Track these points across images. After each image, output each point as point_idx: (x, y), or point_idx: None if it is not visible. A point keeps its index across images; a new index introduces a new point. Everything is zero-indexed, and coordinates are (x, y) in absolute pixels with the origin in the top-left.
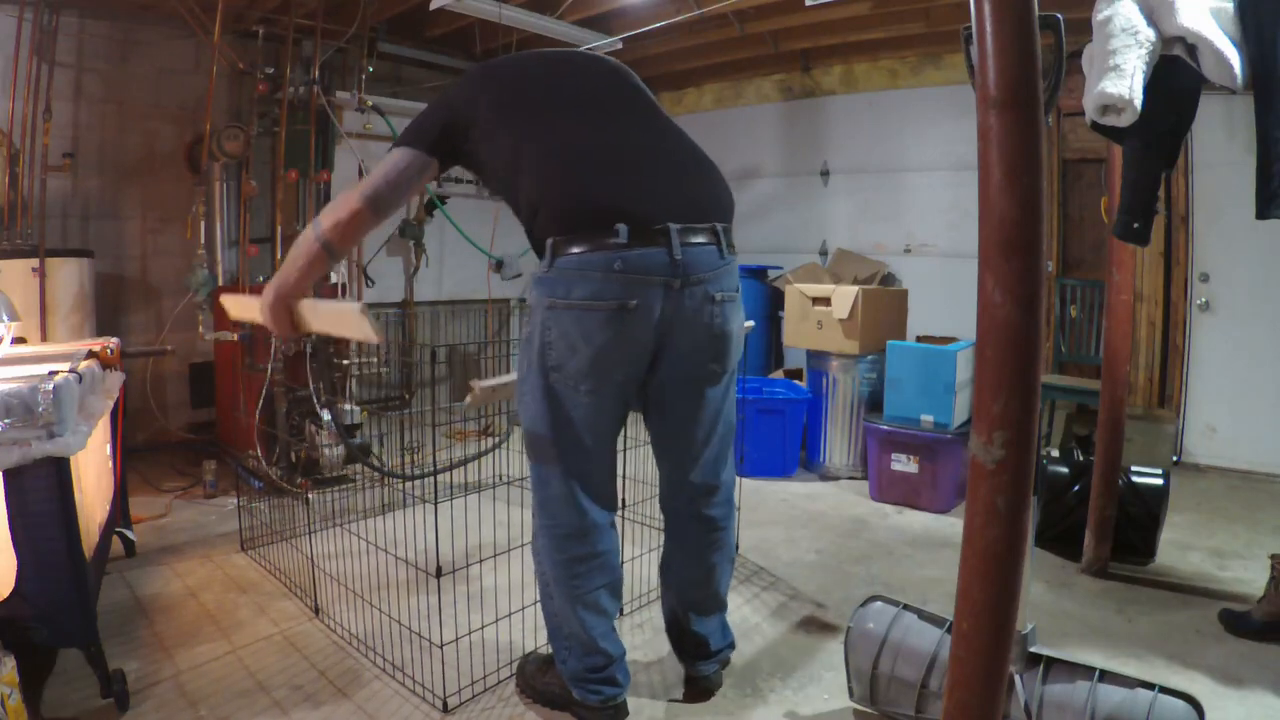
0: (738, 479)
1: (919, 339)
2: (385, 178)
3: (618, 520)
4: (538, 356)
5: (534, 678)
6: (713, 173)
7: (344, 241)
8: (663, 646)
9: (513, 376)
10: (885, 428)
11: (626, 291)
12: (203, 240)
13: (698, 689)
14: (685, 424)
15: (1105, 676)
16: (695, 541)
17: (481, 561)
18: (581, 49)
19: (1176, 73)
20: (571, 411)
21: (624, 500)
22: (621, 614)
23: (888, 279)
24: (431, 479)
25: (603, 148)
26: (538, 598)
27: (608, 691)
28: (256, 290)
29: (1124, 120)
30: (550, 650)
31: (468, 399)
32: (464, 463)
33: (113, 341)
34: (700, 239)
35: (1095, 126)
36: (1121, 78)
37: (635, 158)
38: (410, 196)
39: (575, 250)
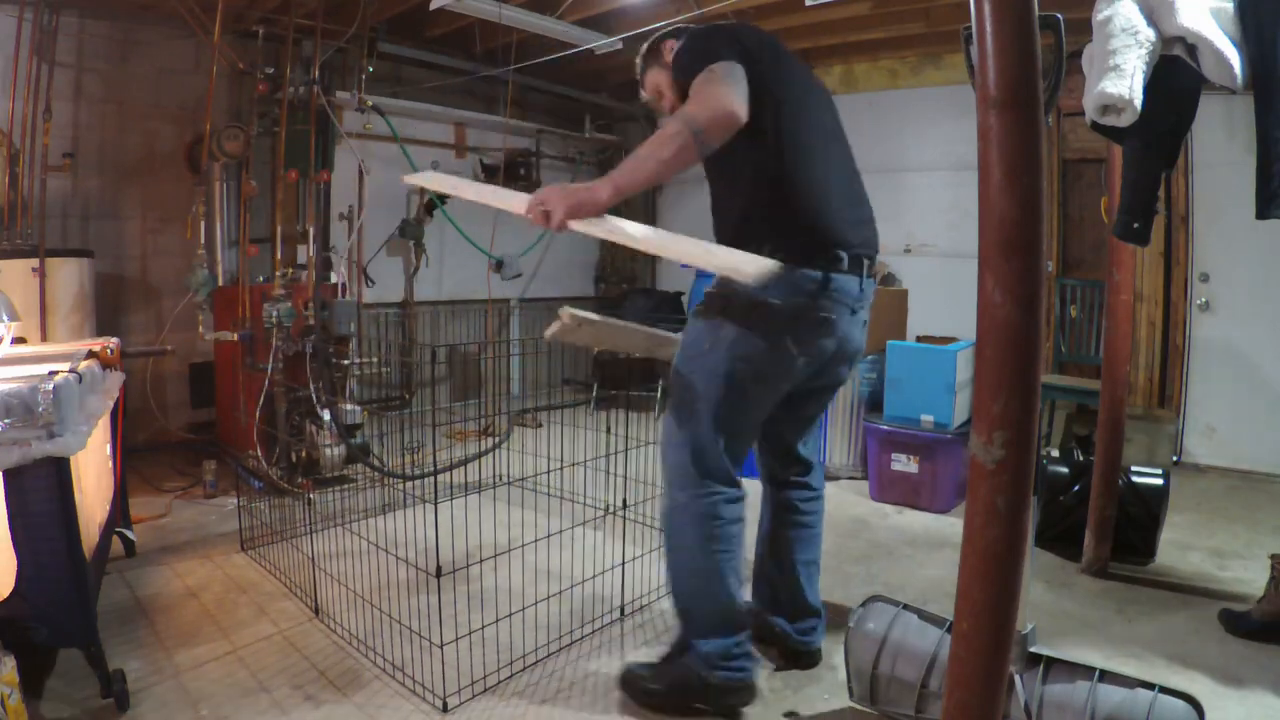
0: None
1: (919, 339)
2: (730, 89)
3: (618, 520)
4: (729, 343)
5: (652, 681)
6: (870, 206)
7: (714, 140)
8: (662, 647)
9: (604, 319)
10: (885, 428)
11: (830, 307)
12: (203, 240)
13: (812, 658)
14: (812, 418)
15: (1105, 676)
16: (804, 509)
17: (481, 561)
18: (587, 47)
19: (1176, 73)
20: (746, 397)
21: (624, 500)
22: (623, 614)
23: (888, 279)
24: (431, 479)
25: (832, 170)
26: (671, 579)
27: (748, 667)
28: (256, 290)
29: (1124, 120)
30: (642, 662)
31: (553, 326)
32: (464, 463)
33: (113, 341)
34: (870, 273)
35: (1095, 126)
36: (1121, 78)
37: (846, 186)
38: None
39: (798, 261)
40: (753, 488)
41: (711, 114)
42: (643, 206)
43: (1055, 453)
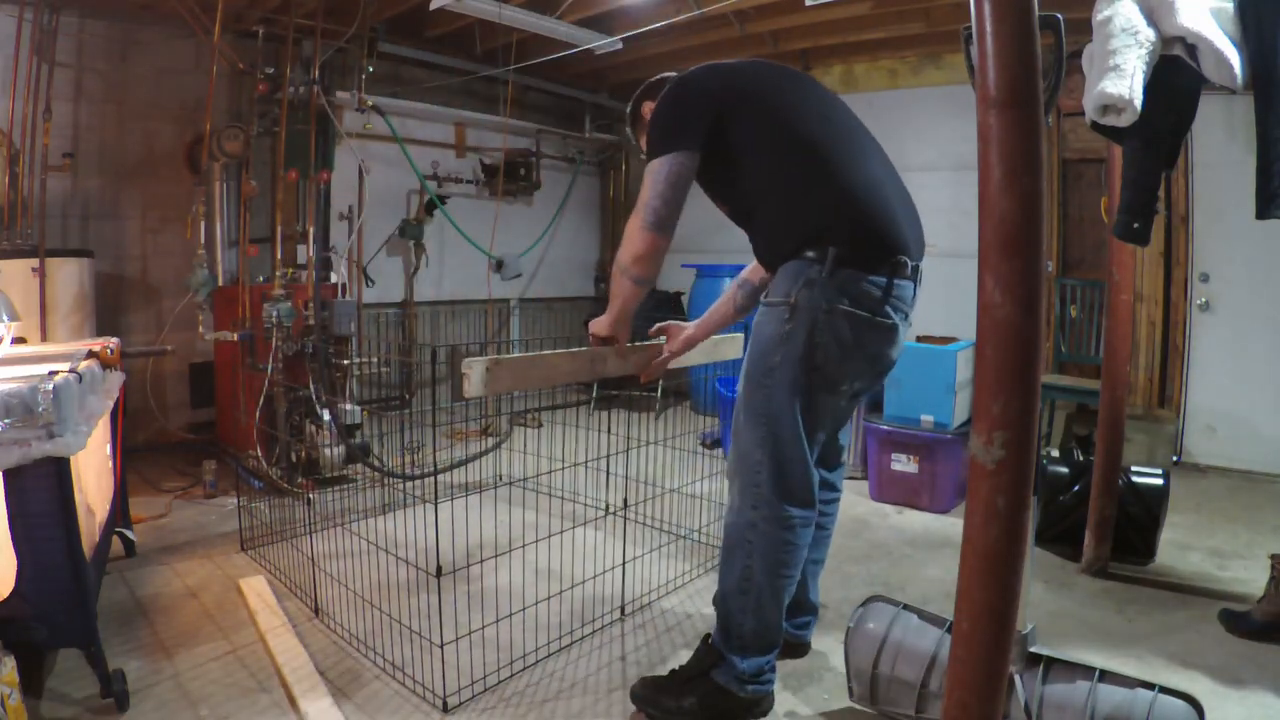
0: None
1: (919, 339)
2: (659, 195)
3: (618, 520)
4: (800, 353)
5: (677, 697)
6: (914, 205)
7: (650, 271)
8: (664, 649)
9: (522, 356)
10: (885, 428)
11: (894, 312)
12: (203, 240)
13: (802, 650)
14: (847, 418)
15: (1105, 676)
16: (823, 509)
17: (482, 561)
18: (587, 46)
19: (1176, 73)
20: (819, 410)
21: (625, 500)
22: (624, 614)
23: None
24: (431, 479)
25: (881, 172)
26: (722, 593)
27: (773, 679)
28: (256, 290)
29: (1124, 120)
30: (653, 680)
31: (467, 385)
32: (464, 463)
33: (113, 341)
34: (920, 278)
35: (1095, 126)
36: (1121, 78)
37: (899, 193)
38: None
39: (862, 266)
40: None
41: (629, 261)
42: None
43: (1055, 453)
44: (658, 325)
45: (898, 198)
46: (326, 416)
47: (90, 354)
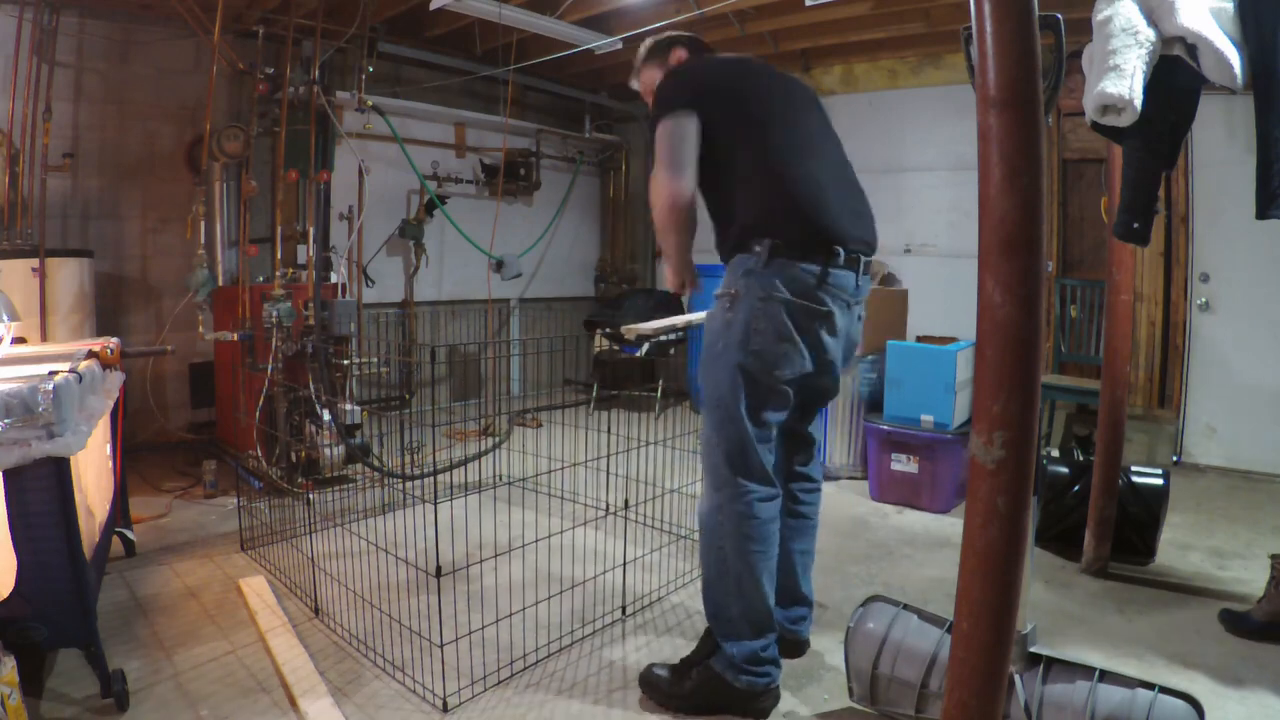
0: None
1: (919, 339)
2: (675, 149)
3: (618, 520)
4: (740, 339)
5: (674, 686)
6: (868, 205)
7: (681, 215)
8: (665, 649)
9: (662, 323)
10: (885, 428)
11: (830, 300)
12: (203, 240)
13: (800, 648)
14: (813, 411)
15: (1105, 676)
16: (803, 499)
17: (482, 561)
18: (587, 46)
19: (1176, 73)
20: (761, 394)
21: (626, 500)
22: (624, 614)
23: (888, 279)
24: (431, 479)
25: (824, 169)
26: (704, 581)
27: (774, 673)
28: (256, 290)
29: (1124, 120)
30: (661, 666)
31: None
32: (464, 463)
33: (113, 341)
34: (866, 269)
35: (1095, 126)
36: (1121, 78)
37: (841, 185)
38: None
39: (796, 256)
40: None
41: (667, 210)
42: (643, 206)
43: (1055, 453)
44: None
45: (840, 195)
46: (326, 416)
47: (90, 354)
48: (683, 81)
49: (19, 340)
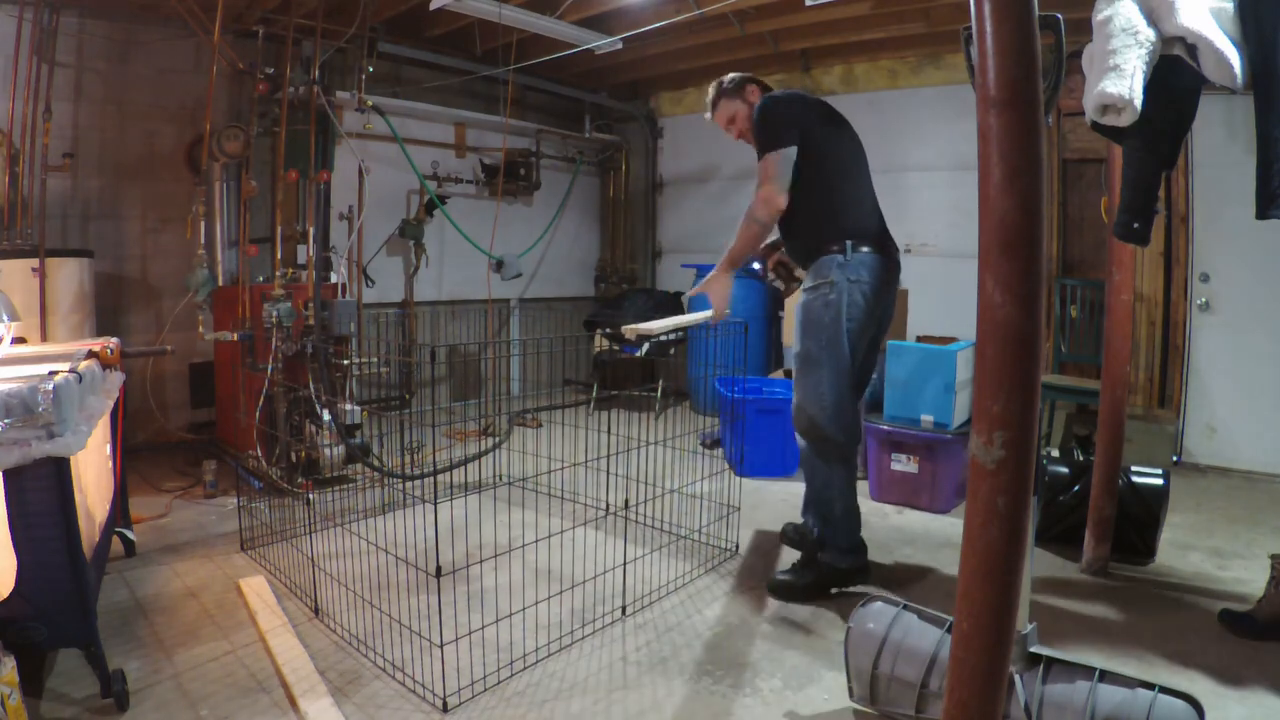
0: (738, 479)
1: (919, 339)
2: (785, 172)
3: (618, 520)
4: (842, 313)
5: (797, 580)
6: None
7: (771, 225)
8: (663, 648)
9: (665, 323)
10: (885, 428)
11: (892, 278)
12: (203, 240)
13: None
14: (872, 358)
15: (1105, 676)
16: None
17: (482, 561)
18: (587, 46)
19: (1176, 73)
20: (855, 354)
21: (626, 500)
22: (624, 614)
23: None
24: (431, 479)
25: (867, 185)
26: (811, 495)
27: (866, 554)
28: (256, 290)
29: (1124, 120)
30: (782, 572)
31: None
32: (464, 463)
33: (113, 341)
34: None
35: (1095, 126)
36: (1121, 78)
37: (873, 195)
38: None
39: (869, 249)
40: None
41: (768, 214)
42: (643, 206)
43: (1055, 453)
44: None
45: (875, 203)
46: (326, 416)
47: (90, 354)
48: (790, 119)
49: (19, 340)
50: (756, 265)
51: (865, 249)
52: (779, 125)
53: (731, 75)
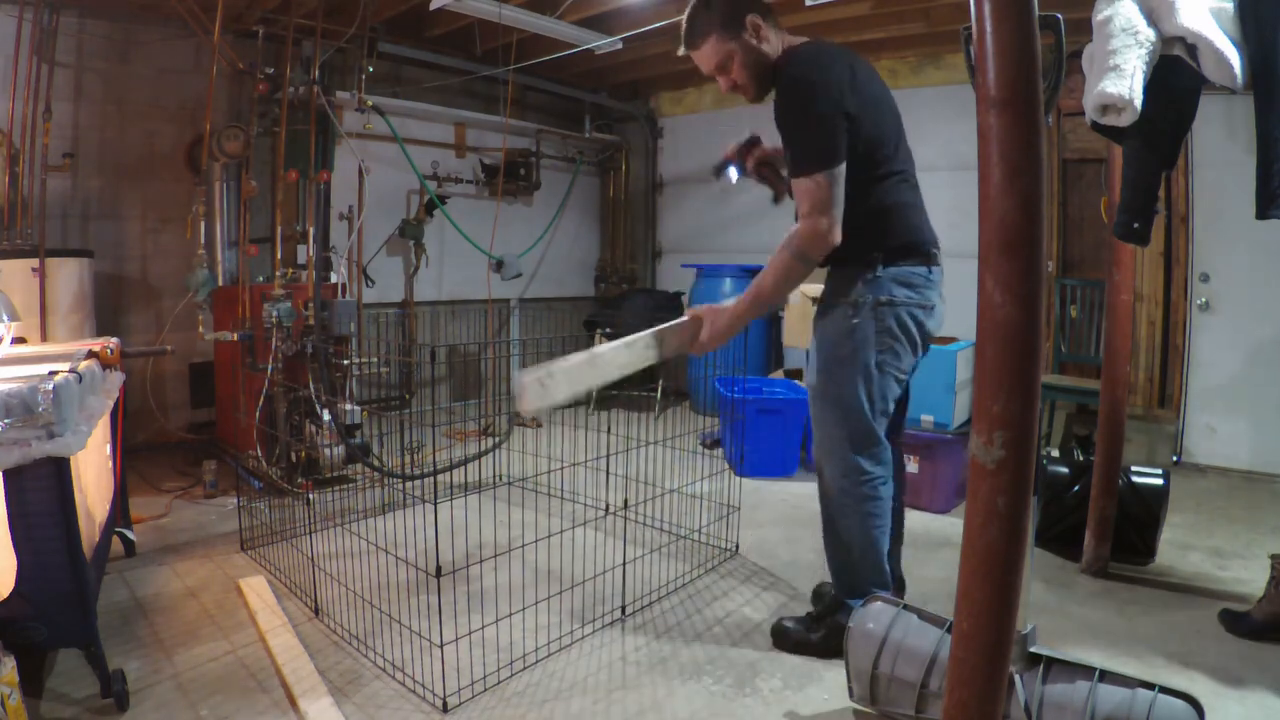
0: (738, 479)
1: None
2: (840, 199)
3: (618, 520)
4: (869, 340)
5: (803, 635)
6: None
7: (817, 261)
8: (664, 649)
9: (573, 362)
10: None
11: (934, 296)
12: (203, 240)
13: None
14: (906, 394)
15: (1105, 676)
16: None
17: (481, 561)
18: (587, 46)
19: (1176, 73)
20: (885, 387)
21: (625, 500)
22: (624, 614)
23: None
24: (431, 479)
25: (915, 182)
26: (831, 549)
27: None
28: (256, 290)
29: (1124, 120)
30: (789, 619)
31: (526, 400)
32: (464, 463)
33: (113, 341)
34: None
35: (1095, 126)
36: (1121, 78)
37: (917, 188)
38: None
39: (906, 261)
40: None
41: (820, 250)
42: (643, 206)
43: (1055, 453)
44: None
45: (919, 199)
46: (326, 416)
47: (90, 354)
48: (838, 108)
49: (19, 340)
50: (734, 172)
51: (905, 260)
52: (828, 124)
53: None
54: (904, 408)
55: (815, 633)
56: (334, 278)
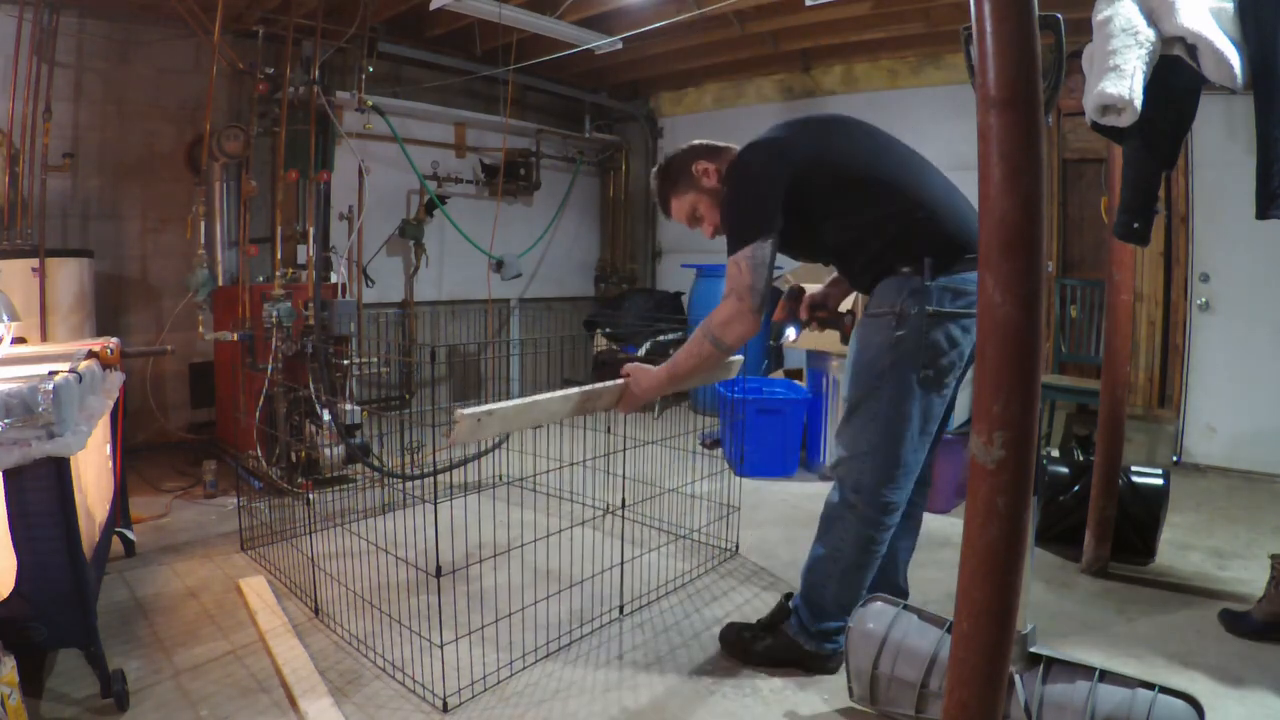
0: (738, 479)
1: None
2: (761, 279)
3: (618, 520)
4: (913, 357)
5: (751, 643)
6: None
7: (738, 347)
8: (663, 648)
9: (511, 404)
10: None
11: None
12: (203, 240)
13: None
14: (948, 410)
15: (1105, 676)
16: (915, 501)
17: (481, 561)
18: (587, 46)
19: (1176, 73)
20: (928, 406)
21: (624, 500)
22: (623, 613)
23: None
24: (431, 479)
25: (948, 186)
26: (813, 558)
27: (840, 641)
28: (256, 290)
29: (1124, 120)
30: (744, 623)
31: (455, 431)
32: (464, 463)
33: (113, 341)
34: None
35: (1095, 126)
36: (1121, 78)
37: (962, 197)
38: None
39: (956, 268)
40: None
41: (735, 339)
42: (643, 206)
43: (1055, 453)
44: (626, 368)
45: (963, 201)
46: (326, 416)
47: (90, 354)
48: (771, 174)
49: (19, 340)
50: (793, 331)
51: (957, 269)
52: (748, 203)
53: (667, 156)
54: (944, 423)
55: (759, 643)
56: (334, 278)
